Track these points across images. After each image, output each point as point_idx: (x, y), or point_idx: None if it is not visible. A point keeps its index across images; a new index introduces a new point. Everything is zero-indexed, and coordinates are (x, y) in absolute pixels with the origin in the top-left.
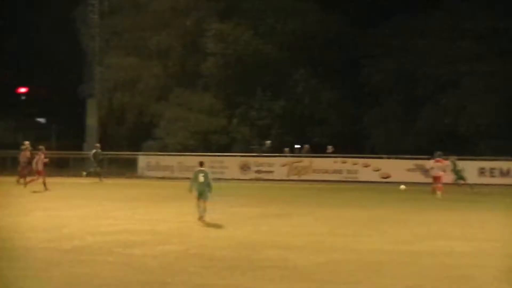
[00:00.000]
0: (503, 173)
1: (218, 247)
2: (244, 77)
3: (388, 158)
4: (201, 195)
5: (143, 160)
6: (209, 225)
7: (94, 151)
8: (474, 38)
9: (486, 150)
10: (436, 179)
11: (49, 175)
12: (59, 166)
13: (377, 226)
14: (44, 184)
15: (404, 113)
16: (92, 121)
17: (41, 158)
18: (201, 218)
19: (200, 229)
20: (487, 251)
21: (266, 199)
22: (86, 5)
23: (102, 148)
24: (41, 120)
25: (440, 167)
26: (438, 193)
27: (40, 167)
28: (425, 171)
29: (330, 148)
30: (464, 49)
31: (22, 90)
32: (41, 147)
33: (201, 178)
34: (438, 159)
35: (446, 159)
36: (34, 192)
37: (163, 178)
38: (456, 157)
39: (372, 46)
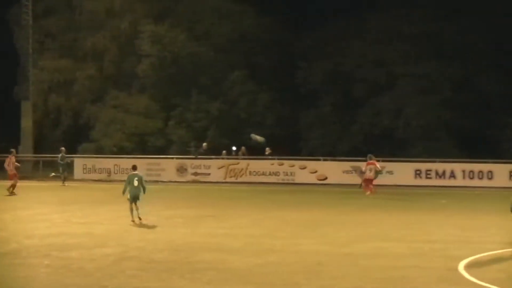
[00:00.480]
0: (439, 175)
1: (155, 250)
2: (180, 79)
3: (325, 160)
4: (135, 199)
5: (79, 162)
6: (146, 227)
7: (61, 154)
8: (409, 41)
9: (422, 152)
10: (368, 180)
11: None
12: None
13: (315, 228)
14: (12, 186)
15: (341, 115)
16: (26, 123)
17: (12, 160)
18: (134, 221)
19: (138, 231)
20: (426, 252)
21: (203, 202)
22: (19, 6)
23: (37, 151)
24: None
25: (372, 169)
26: (368, 193)
27: (13, 170)
28: (362, 173)
29: (268, 150)
30: (399, 51)
31: None
32: (12, 150)
33: (135, 182)
34: (369, 161)
35: (378, 161)
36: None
37: (99, 180)
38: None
39: (308, 48)
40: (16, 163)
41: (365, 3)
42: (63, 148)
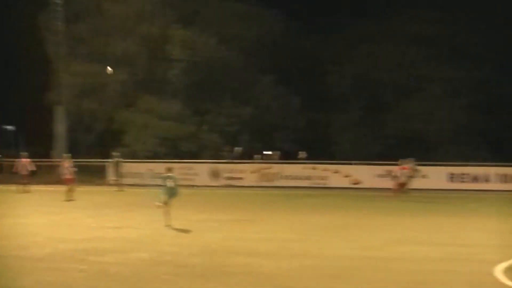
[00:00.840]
0: (473, 179)
1: (189, 254)
2: (211, 84)
3: (358, 164)
4: (171, 201)
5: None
6: (180, 232)
7: (114, 159)
8: (436, 44)
9: (453, 156)
10: (400, 185)
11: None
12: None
13: (346, 232)
14: (69, 192)
15: (371, 118)
16: (60, 128)
17: (66, 166)
18: (170, 225)
19: (172, 236)
20: (456, 256)
21: (236, 206)
22: (50, 12)
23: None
24: (9, 127)
25: (405, 173)
26: (401, 195)
27: (69, 175)
28: (395, 177)
29: (302, 154)
30: (427, 55)
31: None
32: (66, 155)
33: (170, 183)
34: (403, 165)
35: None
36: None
37: (133, 185)
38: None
39: (337, 52)
40: (73, 168)
41: (394, 6)
42: (116, 153)
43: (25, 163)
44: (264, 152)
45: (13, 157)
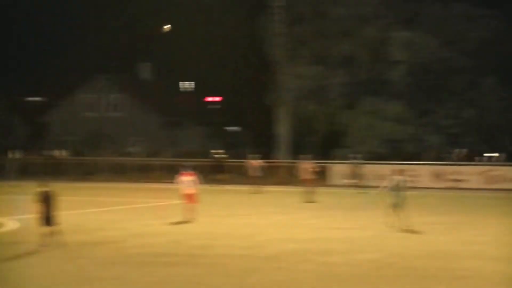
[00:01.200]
0: None
1: (416, 256)
2: (433, 85)
3: None
4: (397, 204)
5: (335, 169)
6: (405, 233)
7: (354, 161)
8: None
9: None
10: None
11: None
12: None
13: None
14: (309, 193)
15: None
16: (282, 129)
17: (307, 167)
18: (396, 226)
19: (396, 237)
20: None
21: (462, 208)
22: (270, 15)
23: (293, 156)
24: (235, 128)
25: None
26: None
27: (307, 176)
28: None
29: None
30: None
31: (214, 99)
32: (305, 156)
33: (399, 187)
34: None
35: None
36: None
37: (354, 186)
38: None
39: None
40: (315, 169)
41: None
42: (356, 155)
43: (255, 164)
44: (486, 154)
45: (238, 158)
